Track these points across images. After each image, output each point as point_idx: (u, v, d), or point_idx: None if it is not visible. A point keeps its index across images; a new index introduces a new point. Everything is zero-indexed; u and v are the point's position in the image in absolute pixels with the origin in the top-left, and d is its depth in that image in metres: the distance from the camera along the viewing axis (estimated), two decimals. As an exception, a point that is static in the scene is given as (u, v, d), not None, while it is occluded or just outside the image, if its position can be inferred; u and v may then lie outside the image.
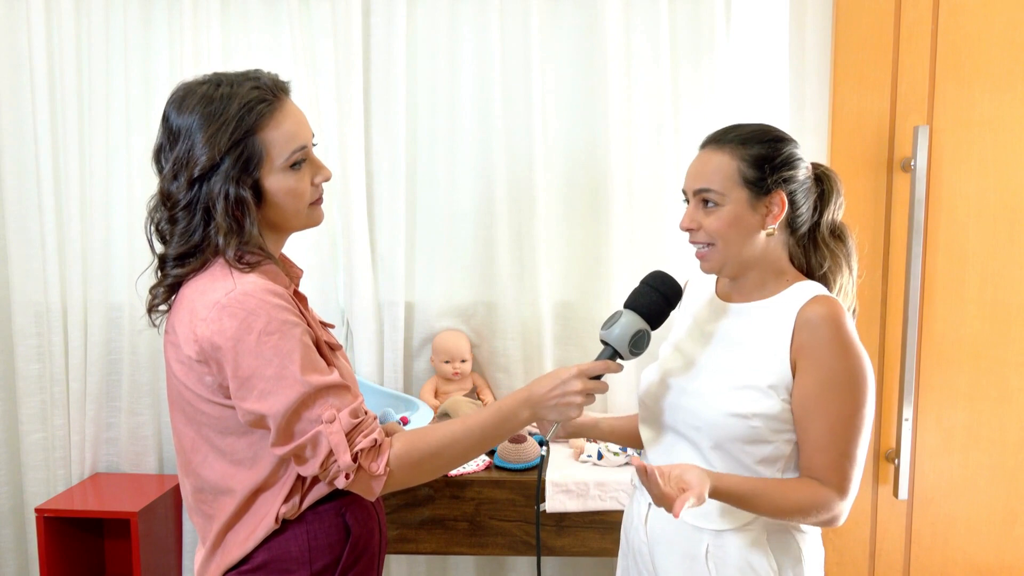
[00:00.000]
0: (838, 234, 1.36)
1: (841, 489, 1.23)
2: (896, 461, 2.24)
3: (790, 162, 1.28)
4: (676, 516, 1.09)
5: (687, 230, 1.31)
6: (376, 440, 1.19)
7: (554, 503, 1.99)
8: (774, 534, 1.29)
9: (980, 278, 2.22)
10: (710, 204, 1.28)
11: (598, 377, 1.25)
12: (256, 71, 1.24)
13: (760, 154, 1.27)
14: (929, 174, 2.18)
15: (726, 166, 1.27)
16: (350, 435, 1.17)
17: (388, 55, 2.42)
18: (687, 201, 1.33)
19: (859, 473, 1.25)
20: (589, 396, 1.25)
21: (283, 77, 1.27)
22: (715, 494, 1.19)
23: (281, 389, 1.14)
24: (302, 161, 1.24)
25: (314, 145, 1.29)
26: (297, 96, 1.30)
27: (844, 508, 1.24)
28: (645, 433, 1.43)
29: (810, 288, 1.29)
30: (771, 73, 2.36)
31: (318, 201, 1.29)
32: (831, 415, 1.22)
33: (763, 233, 1.29)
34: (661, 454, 1.38)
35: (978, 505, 2.28)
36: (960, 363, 2.24)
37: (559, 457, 2.15)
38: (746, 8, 2.37)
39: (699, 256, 1.32)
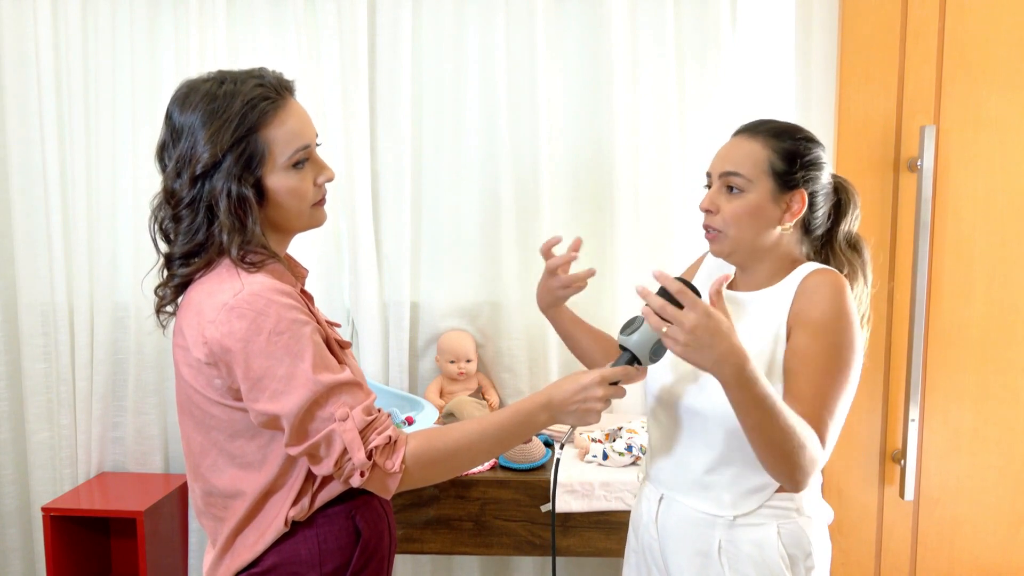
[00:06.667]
0: (854, 244, 1.39)
1: (821, 438, 1.21)
2: (902, 462, 2.24)
3: (817, 164, 1.32)
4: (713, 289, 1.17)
5: (705, 211, 1.33)
6: (391, 437, 1.18)
7: (559, 503, 1.99)
8: (785, 527, 1.29)
9: (987, 278, 2.21)
10: (734, 190, 1.30)
11: (617, 382, 1.25)
12: (260, 69, 1.23)
13: (791, 149, 1.30)
14: (936, 174, 2.17)
15: (757, 153, 1.30)
16: (364, 432, 1.17)
17: (394, 55, 2.42)
18: (708, 187, 1.35)
19: (836, 433, 1.24)
20: (608, 401, 1.25)
21: (288, 76, 1.27)
22: (746, 372, 1.11)
23: (293, 388, 1.13)
24: (304, 160, 1.23)
25: (318, 145, 1.28)
26: (302, 95, 1.29)
27: (821, 459, 1.20)
28: (656, 430, 1.43)
29: (813, 265, 1.31)
30: (777, 73, 2.36)
31: (321, 202, 1.28)
32: (817, 368, 1.22)
33: (778, 228, 1.31)
34: (673, 449, 1.38)
35: (985, 506, 2.27)
36: (967, 363, 2.24)
37: (564, 457, 2.15)
38: (752, 8, 2.36)
39: (709, 238, 1.34)
